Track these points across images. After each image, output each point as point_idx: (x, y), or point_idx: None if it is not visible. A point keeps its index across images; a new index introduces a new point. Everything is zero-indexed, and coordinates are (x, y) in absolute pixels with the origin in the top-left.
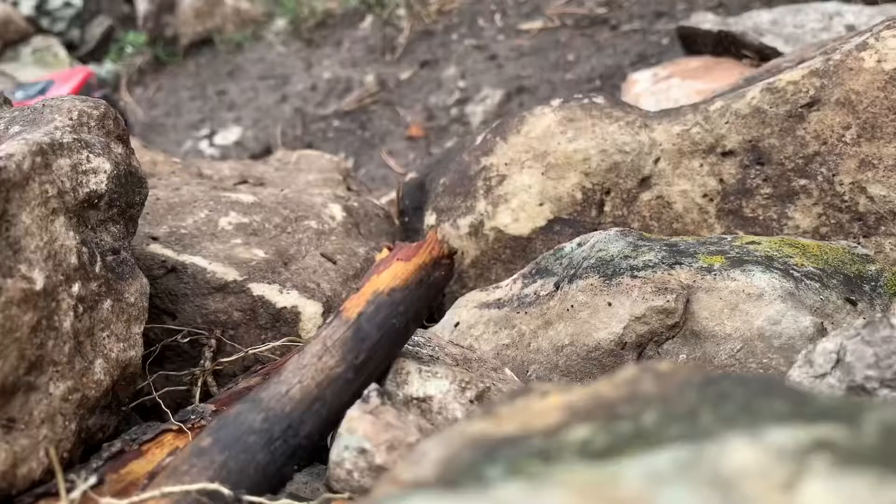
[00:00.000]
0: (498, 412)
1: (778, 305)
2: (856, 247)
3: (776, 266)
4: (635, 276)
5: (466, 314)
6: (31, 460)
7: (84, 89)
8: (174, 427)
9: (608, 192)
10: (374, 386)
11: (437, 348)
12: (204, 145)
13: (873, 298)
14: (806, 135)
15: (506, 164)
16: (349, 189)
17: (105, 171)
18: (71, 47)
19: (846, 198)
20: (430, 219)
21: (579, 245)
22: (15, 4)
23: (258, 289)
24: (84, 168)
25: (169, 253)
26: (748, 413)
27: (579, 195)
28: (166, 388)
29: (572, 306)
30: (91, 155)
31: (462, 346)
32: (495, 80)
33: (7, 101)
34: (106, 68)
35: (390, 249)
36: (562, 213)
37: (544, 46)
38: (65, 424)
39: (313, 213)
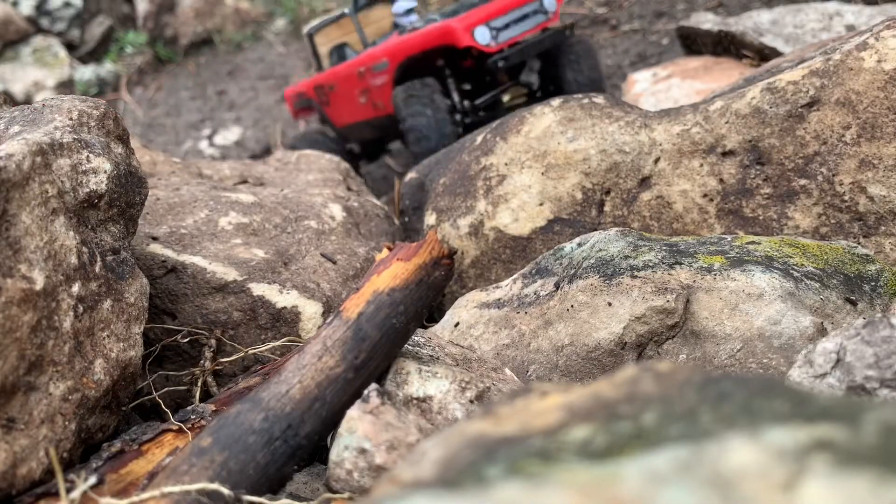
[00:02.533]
0: (498, 412)
1: (778, 305)
2: (856, 247)
3: (776, 266)
4: (635, 276)
5: (466, 314)
6: (31, 460)
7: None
8: (174, 427)
9: (608, 192)
10: (374, 386)
11: (437, 348)
12: (204, 145)
13: (873, 298)
14: (806, 135)
15: (506, 163)
16: (349, 189)
17: (105, 171)
18: (71, 47)
19: (846, 198)
20: (430, 219)
21: (579, 245)
22: (15, 4)
23: (258, 289)
24: (84, 168)
25: (169, 253)
26: (748, 413)
27: (579, 195)
28: (166, 388)
29: (572, 306)
30: (91, 155)
31: (462, 346)
32: None
33: (7, 101)
34: (106, 68)
35: (390, 249)
36: (562, 213)
37: None
38: (65, 424)
39: (313, 213)
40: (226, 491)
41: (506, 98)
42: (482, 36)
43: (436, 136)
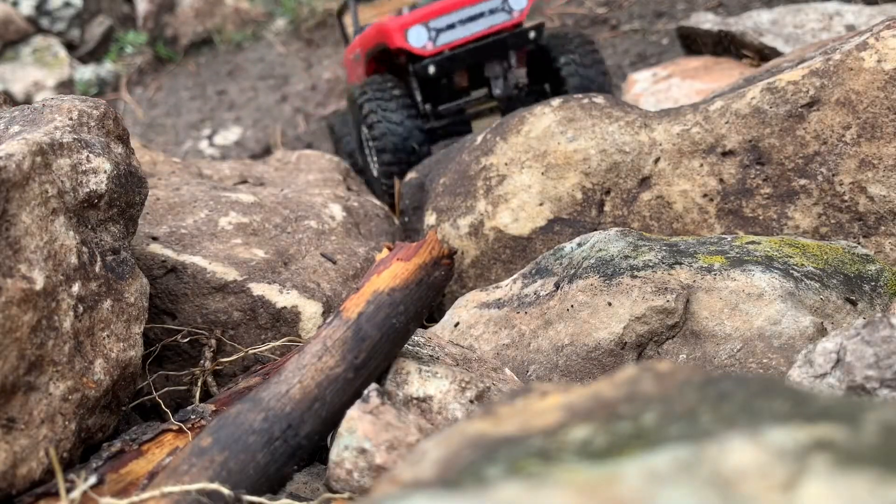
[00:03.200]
0: (498, 412)
1: (778, 305)
2: (856, 247)
3: (776, 266)
4: (635, 276)
5: (466, 314)
6: (31, 460)
7: None
8: (174, 427)
9: (608, 192)
10: (374, 386)
11: (437, 348)
12: (204, 145)
13: (873, 298)
14: (806, 135)
15: (506, 163)
16: (349, 189)
17: (105, 171)
18: (71, 47)
19: (846, 198)
20: (430, 219)
21: (579, 245)
22: (15, 4)
23: (258, 289)
24: (84, 168)
25: (169, 253)
26: (748, 413)
27: (579, 195)
28: (166, 388)
29: (572, 306)
30: (91, 155)
31: (462, 346)
32: None
33: (7, 101)
34: (106, 68)
35: (390, 249)
36: (562, 213)
37: None
38: (65, 424)
39: (313, 213)
40: (226, 491)
41: (468, 107)
42: (416, 37)
43: (399, 141)
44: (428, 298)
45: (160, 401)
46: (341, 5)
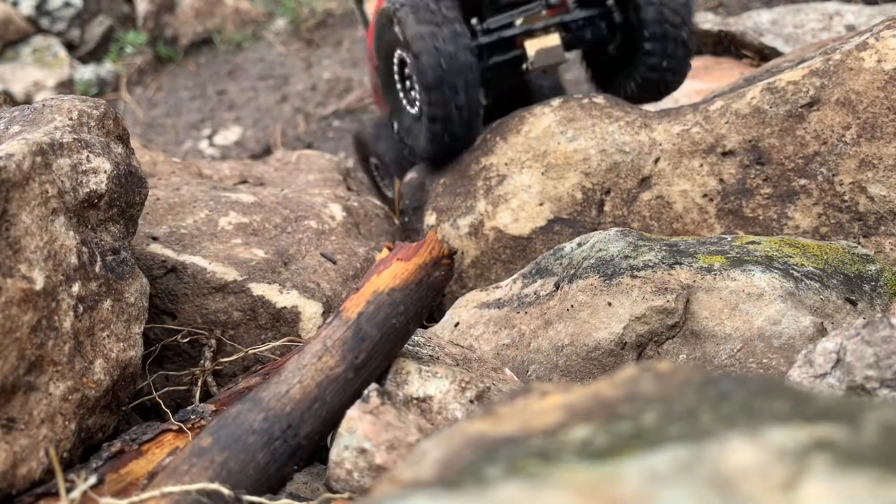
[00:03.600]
0: (498, 412)
1: (778, 305)
2: (856, 247)
3: (776, 266)
4: (635, 276)
5: (466, 314)
6: (31, 460)
7: None
8: (174, 427)
9: (608, 192)
10: (374, 386)
11: (437, 348)
12: (204, 145)
13: (873, 298)
14: (806, 135)
15: (506, 163)
16: (349, 189)
17: (105, 171)
18: (71, 47)
19: (846, 198)
20: (430, 219)
21: (579, 245)
22: (15, 4)
23: (258, 289)
24: (84, 168)
25: (169, 253)
26: (748, 413)
27: (579, 195)
28: (166, 388)
29: (572, 306)
30: (91, 155)
31: (462, 346)
32: None
33: (7, 101)
34: (106, 68)
35: (390, 249)
36: (562, 213)
37: None
38: (65, 424)
39: (313, 213)
40: (226, 491)
41: (519, 21)
42: None
43: (446, 69)
44: (428, 298)
45: (160, 401)
46: None
